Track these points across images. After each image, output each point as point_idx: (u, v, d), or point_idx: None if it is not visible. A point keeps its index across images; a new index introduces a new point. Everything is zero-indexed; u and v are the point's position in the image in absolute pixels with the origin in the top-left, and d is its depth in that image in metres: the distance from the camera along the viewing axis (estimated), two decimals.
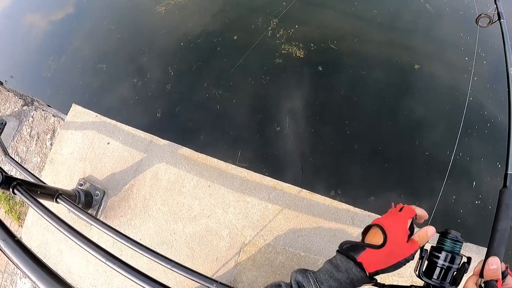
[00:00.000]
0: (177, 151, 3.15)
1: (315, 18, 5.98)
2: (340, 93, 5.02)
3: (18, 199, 3.86)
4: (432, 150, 4.52)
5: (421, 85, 5.12)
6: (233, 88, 5.14)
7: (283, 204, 2.77)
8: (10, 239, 1.21)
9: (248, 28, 5.83)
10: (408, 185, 4.34)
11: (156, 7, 6.52)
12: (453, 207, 4.20)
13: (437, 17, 5.96)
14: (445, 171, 4.20)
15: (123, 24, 6.65)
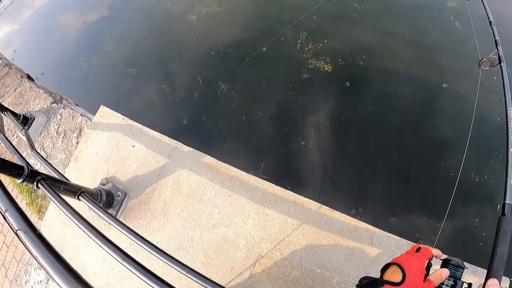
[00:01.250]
0: (200, 159, 3.17)
1: (344, 33, 5.97)
2: (366, 109, 4.97)
3: (40, 193, 3.94)
4: (456, 171, 4.43)
5: (448, 104, 5.03)
6: (260, 100, 5.14)
7: (302, 219, 2.76)
8: (31, 231, 1.23)
9: (278, 40, 5.85)
10: (430, 207, 4.25)
11: (188, 15, 6.62)
12: (474, 230, 4.10)
13: (466, 36, 5.89)
14: (468, 193, 4.15)
15: (155, 30, 6.76)
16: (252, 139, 4.77)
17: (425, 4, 6.42)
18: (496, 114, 4.72)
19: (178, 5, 7.23)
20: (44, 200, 3.88)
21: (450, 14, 6.18)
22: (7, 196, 1.38)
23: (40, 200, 3.91)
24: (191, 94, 5.37)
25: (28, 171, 2.00)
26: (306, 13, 5.91)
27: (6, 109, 3.84)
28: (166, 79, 5.70)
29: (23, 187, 4.10)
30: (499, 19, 5.80)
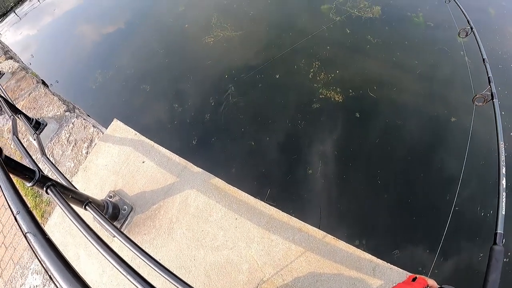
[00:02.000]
0: (209, 180, 3.20)
1: (356, 65, 6.07)
2: (375, 141, 5.00)
3: (45, 198, 3.94)
4: (462, 206, 4.42)
5: (456, 138, 5.06)
6: (270, 127, 5.19)
7: (306, 247, 2.76)
8: (40, 235, 1.24)
9: (291, 67, 5.95)
10: (434, 241, 4.22)
11: (205, 38, 6.76)
12: (479, 266, 4.06)
13: (476, 70, 5.97)
14: (473, 228, 4.13)
15: (171, 49, 6.89)
16: (260, 164, 4.79)
17: (436, 38, 6.54)
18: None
19: (196, 26, 7.39)
20: (48, 206, 3.89)
21: (461, 49, 6.28)
22: (19, 198, 1.39)
23: (44, 205, 3.91)
24: (202, 115, 5.43)
25: (39, 176, 2.02)
26: (304, 39, 6.04)
27: (20, 112, 3.89)
28: (179, 98, 5.77)
29: (28, 190, 4.11)
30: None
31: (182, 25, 7.60)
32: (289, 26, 7.01)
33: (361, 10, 7.12)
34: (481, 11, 7.47)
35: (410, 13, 7.24)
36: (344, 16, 6.97)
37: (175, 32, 7.51)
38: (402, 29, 6.84)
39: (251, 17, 7.39)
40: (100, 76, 6.65)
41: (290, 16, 7.35)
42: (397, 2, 7.64)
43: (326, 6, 7.30)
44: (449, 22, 7.01)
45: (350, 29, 6.69)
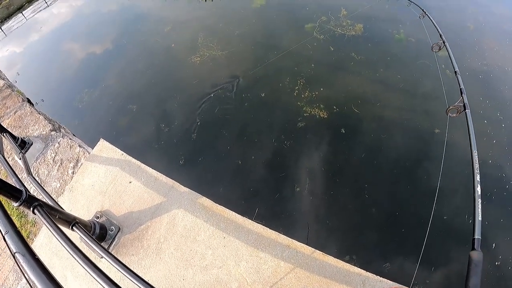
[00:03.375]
0: (196, 199, 3.20)
1: (340, 82, 6.21)
2: (361, 156, 5.07)
3: (30, 219, 3.88)
4: (450, 215, 4.48)
5: (440, 149, 5.15)
6: (257, 146, 5.23)
7: (295, 263, 2.77)
8: (29, 255, 1.24)
9: (276, 86, 6.02)
10: (425, 251, 4.23)
11: (192, 57, 6.83)
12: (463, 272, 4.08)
13: (456, 82, 6.13)
14: (462, 236, 4.18)
15: (158, 68, 6.92)
16: (248, 183, 4.81)
17: (417, 53, 6.73)
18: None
19: (182, 46, 7.46)
20: (34, 226, 3.83)
21: (442, 62, 6.48)
22: (8, 218, 1.40)
23: (30, 226, 3.85)
24: (189, 135, 5.43)
25: (26, 196, 2.00)
26: (281, 54, 6.13)
27: (6, 131, 3.85)
28: (165, 118, 5.78)
29: (14, 210, 4.05)
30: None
31: (168, 45, 7.66)
32: (274, 45, 7.14)
33: (344, 28, 7.30)
34: (459, 26, 7.72)
35: (391, 29, 7.45)
36: (328, 34, 7.13)
37: (162, 51, 7.55)
38: (384, 46, 7.03)
39: (237, 37, 7.50)
40: (87, 96, 6.62)
41: (275, 35, 7.49)
42: (379, 20, 7.86)
43: (310, 25, 7.47)
44: (432, 38, 7.22)
45: (334, 47, 6.84)
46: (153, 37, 8.15)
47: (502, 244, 4.29)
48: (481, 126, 5.51)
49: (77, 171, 3.83)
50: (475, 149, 2.38)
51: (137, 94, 6.41)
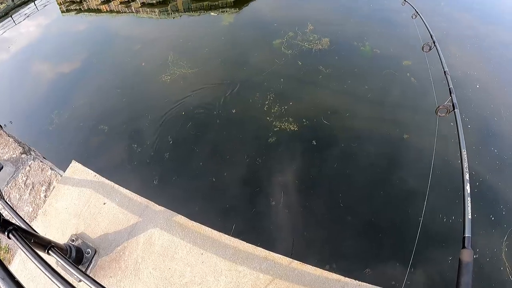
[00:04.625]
0: (172, 217, 3.22)
1: (309, 94, 6.35)
2: (333, 166, 5.17)
3: (3, 245, 3.80)
4: (424, 217, 4.58)
5: (411, 153, 5.33)
6: (230, 162, 5.26)
7: (274, 274, 2.81)
8: (8, 278, 1.24)
9: (246, 102, 6.11)
10: (403, 254, 4.34)
11: (162, 76, 6.84)
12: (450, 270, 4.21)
13: (422, 88, 6.43)
14: (439, 237, 4.29)
15: (129, 88, 6.89)
16: (223, 200, 4.81)
17: (383, 64, 6.96)
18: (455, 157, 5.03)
19: (152, 65, 7.47)
20: (8, 253, 3.74)
21: (406, 71, 6.75)
22: None
23: (3, 252, 3.76)
24: (161, 154, 5.42)
25: (0, 220, 1.99)
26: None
27: None
28: (137, 138, 5.75)
29: None
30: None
31: (139, 64, 7.65)
32: (243, 62, 7.25)
33: (311, 42, 7.49)
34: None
35: (356, 42, 7.69)
36: (296, 49, 7.30)
37: (132, 70, 7.53)
38: (351, 58, 7.26)
39: (206, 54, 7.58)
40: (57, 117, 6.50)
41: (244, 52, 7.61)
42: (345, 33, 8.12)
43: (278, 41, 7.64)
44: (395, 48, 7.55)
45: (301, 61, 7.01)
46: (123, 56, 8.13)
47: (478, 239, 4.43)
48: (449, 128, 5.71)
49: (49, 194, 3.78)
50: (464, 148, 2.41)
51: (108, 114, 6.35)
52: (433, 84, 4.35)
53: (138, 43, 8.57)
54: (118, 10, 12.06)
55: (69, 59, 8.39)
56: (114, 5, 12.43)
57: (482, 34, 8.60)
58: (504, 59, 7.78)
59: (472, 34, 8.50)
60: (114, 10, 12.07)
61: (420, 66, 7.07)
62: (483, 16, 9.65)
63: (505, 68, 7.51)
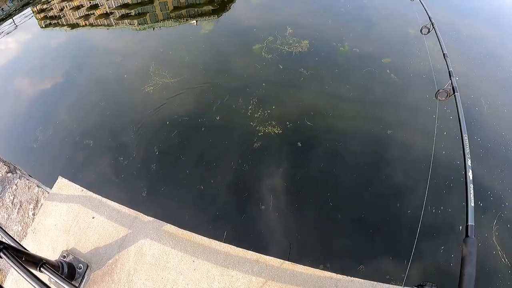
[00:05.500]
0: (161, 227, 3.23)
1: (292, 97, 6.44)
2: (320, 166, 5.23)
3: None
4: (412, 209, 4.67)
5: (395, 148, 5.43)
6: (217, 169, 5.28)
7: (266, 277, 2.84)
8: None
9: (230, 108, 6.15)
10: (394, 247, 4.40)
11: (145, 87, 6.84)
12: (443, 256, 4.29)
13: (403, 85, 6.56)
14: (430, 225, 4.40)
15: (112, 100, 6.87)
16: (213, 207, 4.84)
17: (363, 62, 7.09)
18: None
19: (134, 76, 7.45)
20: (0, 274, 3.71)
21: (386, 68, 6.90)
22: None
23: None
24: (148, 166, 5.41)
25: None
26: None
27: None
28: (123, 151, 5.74)
29: None
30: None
31: (121, 76, 7.63)
32: (224, 69, 7.30)
33: (291, 46, 7.58)
34: None
35: (336, 43, 7.80)
36: (276, 53, 7.38)
37: (114, 83, 7.50)
38: (331, 59, 7.37)
39: (188, 63, 7.60)
40: (41, 134, 6.44)
41: (224, 59, 7.66)
42: (324, 34, 8.23)
43: (257, 46, 7.70)
44: (374, 47, 7.68)
45: (282, 65, 7.08)
46: (105, 69, 8.09)
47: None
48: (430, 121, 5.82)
49: (38, 212, 3.76)
50: (465, 133, 2.36)
51: (92, 128, 6.32)
52: (432, 67, 4.36)
53: (119, 55, 8.55)
54: (97, 23, 12.01)
55: (50, 74, 8.32)
56: (93, 19, 12.38)
57: (461, 26, 8.80)
58: (483, 53, 8.02)
59: (451, 28, 8.70)
60: (94, 24, 12.02)
61: (400, 62, 7.25)
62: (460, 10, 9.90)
63: (483, 61, 7.72)
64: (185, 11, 11.21)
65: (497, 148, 5.63)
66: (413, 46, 7.78)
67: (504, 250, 4.40)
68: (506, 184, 5.13)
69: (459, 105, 2.58)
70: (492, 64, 7.75)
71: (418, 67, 7.11)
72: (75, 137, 6.18)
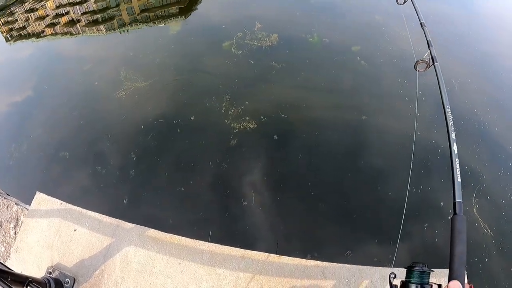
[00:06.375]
0: (144, 233, 3.25)
1: (264, 92, 6.49)
2: (298, 157, 5.29)
3: None
4: (393, 191, 4.78)
5: (371, 133, 5.55)
6: (196, 170, 5.27)
7: (254, 271, 2.89)
8: None
9: (204, 107, 6.15)
10: (380, 230, 4.48)
11: (117, 92, 6.76)
12: (428, 235, 4.42)
13: (374, 69, 6.81)
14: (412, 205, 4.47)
15: (85, 109, 6.76)
16: (195, 208, 4.83)
17: (333, 52, 7.19)
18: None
19: (106, 82, 7.36)
20: None
21: (356, 55, 7.08)
22: None
23: None
24: (127, 173, 5.36)
25: None
26: None
27: None
28: (100, 160, 5.65)
29: None
30: None
31: (91, 83, 7.52)
32: (195, 68, 7.28)
33: (260, 40, 7.59)
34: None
35: (305, 34, 7.86)
36: (246, 49, 7.40)
37: (85, 91, 7.38)
38: (301, 51, 7.42)
39: (158, 65, 7.54)
40: (16, 151, 6.30)
41: (195, 58, 7.63)
42: (292, 26, 8.28)
43: (227, 43, 7.69)
44: (344, 35, 7.79)
45: (253, 60, 7.10)
46: (75, 78, 7.95)
47: (450, 201, 4.64)
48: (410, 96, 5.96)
49: (19, 230, 3.73)
50: (447, 104, 2.23)
51: (67, 139, 6.20)
52: (410, 38, 4.37)
53: (89, 62, 8.41)
54: (63, 31, 11.78)
55: (19, 88, 8.10)
56: (59, 28, 12.14)
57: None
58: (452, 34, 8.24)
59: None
60: (60, 32, 11.79)
61: (370, 49, 7.37)
62: None
63: (455, 41, 7.93)
64: (153, 13, 11.09)
65: (470, 125, 5.80)
66: (382, 32, 7.94)
67: (486, 221, 4.56)
68: (482, 158, 5.30)
69: (440, 75, 2.48)
70: (462, 44, 7.98)
71: (393, 47, 7.29)
72: (51, 150, 6.07)
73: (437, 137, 5.44)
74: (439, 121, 5.60)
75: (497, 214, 4.72)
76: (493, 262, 4.28)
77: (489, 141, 5.62)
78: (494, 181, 5.08)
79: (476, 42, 8.12)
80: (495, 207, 4.77)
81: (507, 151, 5.48)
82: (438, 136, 5.44)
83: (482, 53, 7.72)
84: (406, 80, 6.44)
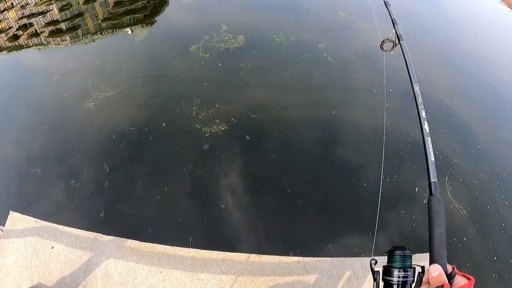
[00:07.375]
0: (123, 244, 3.25)
1: (233, 94, 6.57)
2: (272, 156, 5.37)
3: None
4: (368, 181, 4.92)
5: (342, 127, 5.69)
6: (170, 176, 5.27)
7: (236, 273, 2.93)
8: None
9: (174, 112, 6.15)
10: (358, 221, 4.62)
11: (86, 103, 6.66)
12: (406, 222, 4.57)
13: (341, 65, 7.06)
14: (387, 196, 4.69)
15: (54, 122, 6.61)
16: (173, 215, 4.83)
17: (300, 50, 7.29)
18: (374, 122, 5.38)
19: (74, 94, 7.22)
20: None
21: (323, 52, 7.32)
22: None
23: None
24: (101, 185, 5.30)
25: None
26: None
27: None
28: (73, 173, 5.56)
29: None
30: None
31: (59, 95, 7.37)
32: (163, 73, 7.25)
33: (227, 42, 7.63)
34: None
35: (270, 34, 7.94)
36: (213, 51, 7.42)
37: (54, 104, 7.22)
38: (268, 50, 7.52)
39: (126, 73, 7.46)
40: None
41: (162, 64, 7.58)
42: (258, 27, 8.36)
43: (194, 46, 7.69)
44: (309, 33, 7.91)
45: (221, 62, 7.13)
46: (42, 91, 7.77)
47: (425, 185, 4.79)
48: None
49: None
50: (415, 83, 2.15)
51: (38, 155, 6.05)
52: (375, 17, 4.40)
53: (55, 74, 8.22)
54: (27, 44, 11.50)
55: None
56: (22, 40, 11.84)
57: None
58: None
59: None
60: (24, 45, 11.50)
61: (336, 44, 7.53)
62: None
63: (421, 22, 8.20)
64: (118, 21, 10.94)
65: (438, 112, 6.01)
66: (347, 28, 8.14)
67: (460, 202, 4.76)
68: (452, 143, 5.51)
69: (406, 54, 2.39)
70: (423, 34, 8.26)
71: (358, 41, 7.48)
72: (22, 167, 5.94)
73: (407, 126, 5.62)
74: (408, 110, 5.80)
75: (471, 194, 4.93)
76: (472, 241, 4.48)
77: (457, 126, 5.86)
78: (465, 163, 5.29)
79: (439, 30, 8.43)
80: (468, 188, 4.99)
81: (475, 135, 5.73)
82: (408, 125, 5.62)
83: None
84: (373, 73, 6.63)
